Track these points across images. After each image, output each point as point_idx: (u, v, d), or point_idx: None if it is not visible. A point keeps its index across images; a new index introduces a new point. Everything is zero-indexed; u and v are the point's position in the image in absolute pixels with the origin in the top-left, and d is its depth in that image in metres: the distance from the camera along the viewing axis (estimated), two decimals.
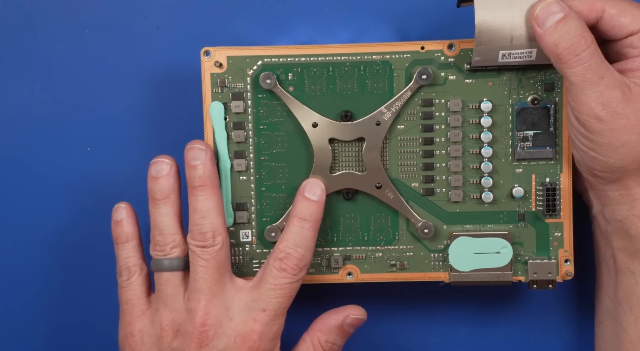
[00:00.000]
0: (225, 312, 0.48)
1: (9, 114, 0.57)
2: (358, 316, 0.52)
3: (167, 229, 0.50)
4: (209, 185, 0.49)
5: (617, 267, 0.51)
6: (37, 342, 0.59)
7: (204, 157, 0.49)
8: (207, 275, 0.48)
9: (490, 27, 0.48)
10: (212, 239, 0.49)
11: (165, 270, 0.49)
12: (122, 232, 0.51)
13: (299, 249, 0.49)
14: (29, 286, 0.58)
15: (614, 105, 0.46)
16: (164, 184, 0.50)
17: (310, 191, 0.50)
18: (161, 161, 0.50)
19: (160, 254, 0.50)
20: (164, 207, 0.50)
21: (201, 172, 0.49)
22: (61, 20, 0.57)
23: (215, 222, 0.49)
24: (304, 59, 0.52)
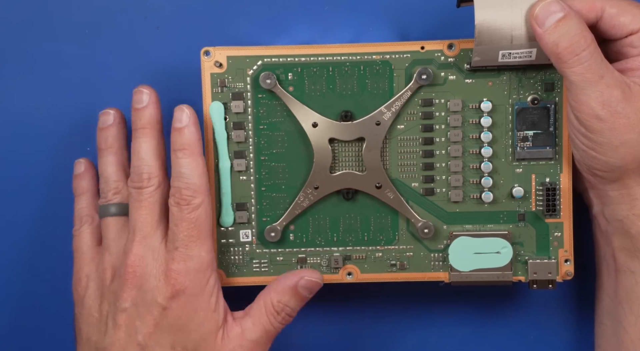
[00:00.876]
0: (151, 253, 0.49)
1: (9, 114, 0.57)
2: (312, 279, 0.51)
3: (110, 176, 0.51)
4: (148, 128, 0.50)
5: (617, 267, 0.51)
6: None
7: (147, 99, 0.50)
8: (139, 215, 0.49)
9: (490, 27, 0.48)
10: (147, 180, 0.49)
11: (107, 215, 0.51)
12: (78, 185, 0.53)
13: (181, 179, 0.49)
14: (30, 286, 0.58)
15: (614, 104, 0.46)
16: (108, 134, 0.52)
17: (176, 120, 0.50)
18: (105, 112, 0.52)
19: (104, 201, 0.51)
20: (107, 155, 0.51)
21: (143, 114, 0.50)
22: (61, 20, 0.57)
23: (151, 164, 0.50)
24: (304, 59, 0.52)
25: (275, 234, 0.53)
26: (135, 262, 0.49)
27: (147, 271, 0.49)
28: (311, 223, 0.53)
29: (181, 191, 0.49)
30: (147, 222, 0.49)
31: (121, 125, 0.52)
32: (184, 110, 0.50)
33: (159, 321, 0.48)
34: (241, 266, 0.54)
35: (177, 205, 0.49)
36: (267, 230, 0.53)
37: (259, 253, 0.53)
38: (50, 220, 0.58)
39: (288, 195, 0.53)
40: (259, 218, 0.53)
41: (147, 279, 0.48)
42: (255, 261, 0.53)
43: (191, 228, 0.49)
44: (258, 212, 0.53)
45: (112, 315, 0.49)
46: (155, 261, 0.49)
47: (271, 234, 0.53)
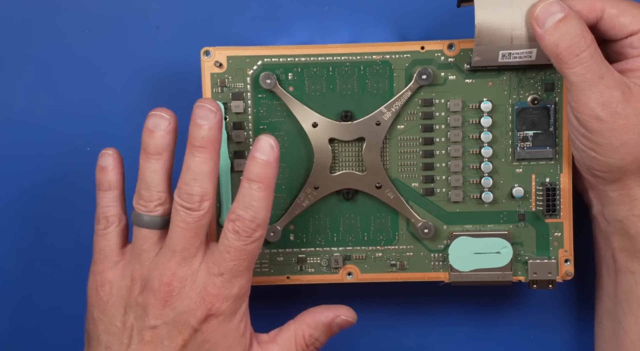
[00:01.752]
0: (191, 275, 0.48)
1: (9, 114, 0.57)
2: (348, 319, 0.51)
3: (154, 186, 0.48)
4: (209, 148, 0.48)
5: (617, 267, 0.51)
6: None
7: (213, 119, 0.47)
8: (185, 237, 0.48)
9: (490, 27, 0.48)
10: (198, 203, 0.47)
11: (145, 226, 0.49)
12: (105, 180, 0.50)
13: (249, 211, 0.47)
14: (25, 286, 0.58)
15: (613, 105, 0.46)
16: (160, 140, 0.48)
17: (259, 150, 0.48)
18: (161, 115, 0.48)
19: (144, 209, 0.49)
20: (155, 162, 0.48)
21: (205, 134, 0.47)
22: (61, 20, 0.57)
23: (205, 187, 0.48)
24: (304, 59, 0.52)
25: (275, 234, 0.53)
26: (173, 282, 0.47)
27: (184, 292, 0.47)
28: (311, 223, 0.53)
29: (245, 222, 0.47)
30: (192, 245, 0.48)
31: (174, 132, 0.49)
32: (271, 144, 0.47)
33: (187, 342, 0.48)
34: None
35: (236, 234, 0.47)
36: (267, 230, 0.53)
37: (259, 253, 0.53)
38: (50, 220, 0.58)
39: (288, 195, 0.53)
40: None
41: (183, 300, 0.47)
42: (256, 261, 0.53)
43: (243, 259, 0.48)
44: None
45: (138, 329, 0.48)
46: (194, 283, 0.48)
47: (271, 234, 0.53)
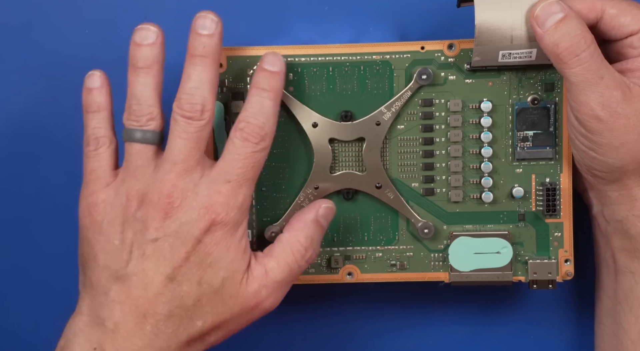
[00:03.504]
0: (192, 187, 0.47)
1: (9, 114, 0.57)
2: (329, 206, 0.50)
3: (145, 100, 0.48)
4: (210, 58, 0.47)
5: (617, 267, 0.52)
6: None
7: (214, 28, 0.47)
8: (186, 147, 0.47)
9: (490, 27, 0.48)
10: (200, 112, 0.47)
11: (138, 141, 0.48)
12: (93, 101, 0.49)
13: (258, 117, 0.47)
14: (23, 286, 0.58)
15: (613, 105, 0.46)
16: (148, 52, 0.47)
17: (269, 62, 0.48)
18: (147, 28, 0.48)
19: (135, 124, 0.48)
20: (145, 76, 0.48)
21: (207, 42, 0.47)
22: (61, 20, 0.57)
23: (207, 96, 0.47)
24: (304, 59, 0.52)
25: (275, 234, 0.53)
26: (174, 193, 0.46)
27: (185, 203, 0.47)
28: None
29: (255, 128, 0.47)
30: (193, 156, 0.47)
31: (162, 46, 0.48)
32: (279, 56, 0.48)
33: (190, 254, 0.47)
34: None
35: (245, 141, 0.47)
36: (267, 230, 0.53)
37: None
38: (49, 221, 0.58)
39: (288, 195, 0.53)
40: (259, 218, 0.53)
41: (185, 211, 0.46)
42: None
43: (250, 166, 0.47)
44: (258, 212, 0.53)
45: (138, 244, 0.47)
46: (196, 194, 0.47)
47: (271, 234, 0.53)
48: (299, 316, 0.58)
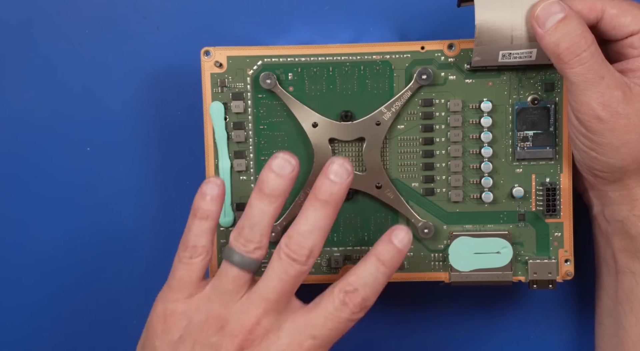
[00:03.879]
0: (276, 329, 0.46)
1: (9, 114, 0.57)
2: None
3: (260, 228, 0.46)
4: (333, 206, 0.46)
5: (618, 267, 0.52)
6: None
7: (346, 179, 0.46)
8: (281, 288, 0.46)
9: (491, 27, 0.48)
10: (306, 257, 0.45)
11: (238, 266, 0.46)
12: (205, 208, 0.47)
13: (367, 289, 0.46)
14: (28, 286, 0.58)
15: (614, 105, 0.46)
16: (280, 184, 0.46)
17: (398, 237, 0.46)
18: (288, 160, 0.46)
19: (242, 248, 0.46)
20: (269, 205, 0.46)
21: (336, 191, 0.46)
22: (61, 20, 0.57)
23: (318, 244, 0.46)
24: (304, 59, 0.52)
25: (276, 234, 0.53)
26: (257, 331, 0.46)
27: (263, 344, 0.46)
28: None
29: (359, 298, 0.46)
30: (285, 297, 0.46)
31: (295, 179, 0.46)
32: (408, 234, 0.46)
33: None
34: None
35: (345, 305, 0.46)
36: None
37: None
38: (48, 221, 0.58)
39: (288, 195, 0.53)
40: None
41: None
42: None
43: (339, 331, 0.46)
44: None
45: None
46: (278, 338, 0.46)
47: (272, 234, 0.52)
48: None
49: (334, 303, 0.46)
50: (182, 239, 0.47)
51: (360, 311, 0.46)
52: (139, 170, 0.57)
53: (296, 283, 0.46)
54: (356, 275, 0.46)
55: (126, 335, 0.57)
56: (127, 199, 0.58)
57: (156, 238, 0.58)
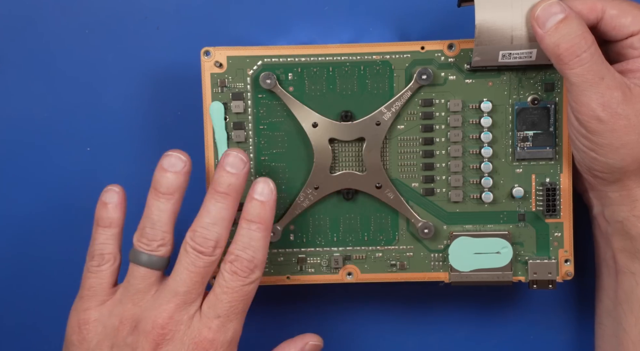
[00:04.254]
0: (187, 320, 0.47)
1: (9, 114, 0.57)
2: (316, 343, 0.51)
3: (160, 226, 0.48)
4: (232, 196, 0.48)
5: (618, 268, 0.52)
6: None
7: (242, 168, 0.48)
8: (191, 280, 0.47)
9: (491, 27, 0.48)
10: (212, 248, 0.47)
11: (144, 266, 0.48)
12: (106, 216, 0.49)
13: (248, 251, 0.47)
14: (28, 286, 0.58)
15: (614, 106, 0.46)
16: (173, 180, 0.48)
17: (258, 191, 0.48)
18: (177, 156, 0.48)
19: (146, 248, 0.48)
20: (166, 202, 0.48)
21: (233, 181, 0.48)
22: (61, 20, 0.57)
23: (222, 234, 0.47)
24: (304, 59, 0.52)
25: (275, 234, 0.53)
26: (168, 325, 0.46)
27: (177, 337, 0.47)
28: (311, 223, 0.53)
29: (244, 262, 0.47)
30: (195, 290, 0.47)
31: (188, 175, 0.48)
32: (269, 185, 0.48)
33: None
34: None
35: (234, 274, 0.47)
36: None
37: None
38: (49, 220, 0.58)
39: (288, 195, 0.53)
40: None
41: (175, 345, 0.47)
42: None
43: (240, 300, 0.47)
44: None
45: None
46: (188, 328, 0.47)
47: (271, 234, 0.53)
48: (299, 316, 0.58)
49: (224, 277, 0.47)
50: (89, 249, 0.49)
51: (250, 272, 0.47)
52: (139, 170, 0.57)
53: (205, 274, 0.47)
54: (233, 244, 0.48)
55: None
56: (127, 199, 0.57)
57: None
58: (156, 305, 0.47)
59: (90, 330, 0.48)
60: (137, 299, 0.48)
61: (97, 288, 0.48)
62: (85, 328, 0.48)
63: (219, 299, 0.47)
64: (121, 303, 0.48)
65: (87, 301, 0.48)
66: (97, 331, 0.48)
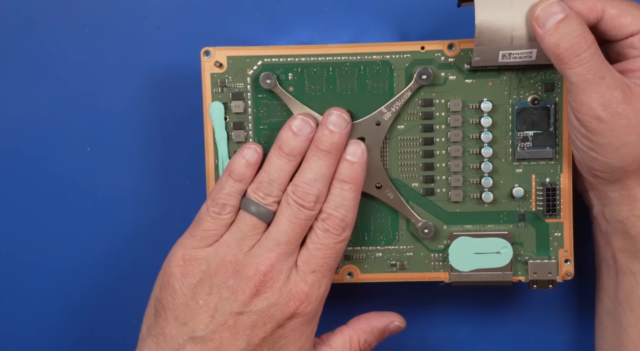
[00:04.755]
0: (286, 270, 0.48)
1: (9, 114, 0.57)
2: (400, 325, 0.52)
3: (278, 183, 0.49)
4: (334, 155, 0.49)
5: (618, 268, 0.52)
6: None
7: (344, 127, 0.50)
8: (292, 231, 0.48)
9: (491, 27, 0.48)
10: (313, 203, 0.49)
11: (256, 216, 0.49)
12: (241, 172, 0.50)
13: (340, 210, 0.49)
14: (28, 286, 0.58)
15: (614, 105, 0.46)
16: (299, 144, 0.49)
17: (350, 152, 0.50)
18: (306, 121, 0.50)
19: (260, 200, 0.49)
20: (287, 163, 0.50)
21: (336, 140, 0.49)
22: (61, 20, 0.57)
23: (322, 190, 0.49)
24: (304, 59, 0.52)
25: None
26: (271, 273, 0.48)
27: (276, 286, 0.48)
28: None
29: (336, 220, 0.49)
30: (294, 241, 0.49)
31: (310, 141, 0.50)
32: (361, 146, 0.50)
33: (268, 336, 0.48)
34: None
35: (327, 232, 0.49)
36: None
37: None
38: (49, 220, 0.58)
39: None
40: None
41: (274, 293, 0.48)
42: None
43: (332, 257, 0.49)
44: None
45: (222, 311, 0.48)
46: (287, 278, 0.48)
47: None
48: None
49: (317, 234, 0.49)
50: (213, 194, 0.50)
51: (342, 231, 0.49)
52: (139, 170, 0.57)
53: (305, 227, 0.49)
54: (326, 202, 0.49)
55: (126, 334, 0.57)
56: (127, 199, 0.57)
57: (156, 238, 0.58)
58: (259, 253, 0.48)
59: (194, 267, 0.49)
60: (244, 245, 0.49)
61: (212, 232, 0.50)
62: (191, 263, 0.49)
63: (313, 255, 0.49)
64: (228, 246, 0.49)
65: (198, 241, 0.50)
66: (201, 269, 0.49)
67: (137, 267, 0.58)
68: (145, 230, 0.58)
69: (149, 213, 0.58)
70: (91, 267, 0.58)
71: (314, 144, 0.50)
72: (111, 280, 0.58)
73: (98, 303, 0.58)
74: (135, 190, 0.57)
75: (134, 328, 0.52)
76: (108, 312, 0.58)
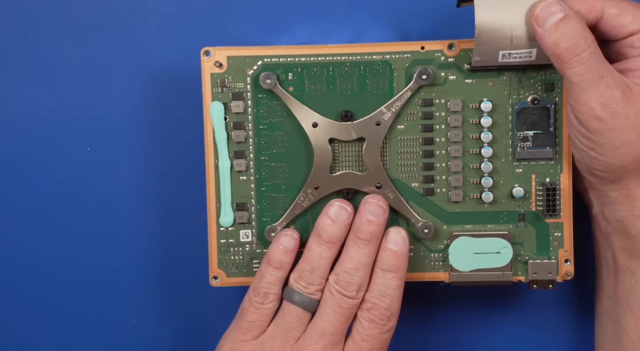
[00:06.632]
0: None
1: (9, 114, 0.57)
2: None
3: (320, 272, 0.50)
4: (373, 243, 0.50)
5: (617, 267, 0.52)
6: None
7: (382, 216, 0.50)
8: (337, 321, 0.49)
9: (490, 27, 0.48)
10: (355, 292, 0.49)
11: (300, 306, 0.50)
12: (280, 259, 0.50)
13: (384, 299, 0.49)
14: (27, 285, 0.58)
15: (614, 105, 0.46)
16: (337, 231, 0.50)
17: (391, 241, 0.50)
18: (343, 207, 0.50)
19: (303, 290, 0.50)
20: (328, 250, 0.50)
21: (374, 229, 0.50)
22: (61, 20, 0.57)
23: (364, 278, 0.49)
24: (304, 59, 0.52)
25: (275, 234, 0.53)
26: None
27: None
28: (311, 223, 0.53)
29: (381, 310, 0.49)
30: (340, 331, 0.49)
31: (350, 225, 0.50)
32: (401, 234, 0.50)
33: None
34: (241, 267, 0.54)
35: (372, 322, 0.49)
36: (267, 230, 0.53)
37: (259, 253, 0.53)
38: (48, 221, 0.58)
39: (288, 195, 0.53)
40: (259, 218, 0.53)
41: None
42: (256, 261, 0.53)
43: (379, 348, 0.49)
44: (258, 212, 0.53)
45: None
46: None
47: (271, 234, 0.53)
48: None
49: (362, 325, 0.49)
50: (254, 284, 0.51)
51: (388, 321, 0.49)
52: (139, 170, 0.57)
53: (349, 316, 0.49)
54: (370, 291, 0.49)
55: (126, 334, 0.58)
56: (127, 199, 0.57)
57: (156, 238, 0.58)
58: (306, 344, 0.49)
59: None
60: (289, 337, 0.49)
61: (256, 323, 0.50)
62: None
63: (359, 346, 0.49)
64: (274, 339, 0.50)
65: (244, 333, 0.50)
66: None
67: (136, 266, 0.58)
68: (145, 229, 0.58)
69: (149, 212, 0.58)
70: (91, 267, 0.58)
71: (352, 233, 0.50)
72: (110, 279, 0.58)
73: (98, 303, 0.58)
74: (135, 190, 0.57)
75: (134, 328, 0.52)
76: (108, 312, 0.58)
